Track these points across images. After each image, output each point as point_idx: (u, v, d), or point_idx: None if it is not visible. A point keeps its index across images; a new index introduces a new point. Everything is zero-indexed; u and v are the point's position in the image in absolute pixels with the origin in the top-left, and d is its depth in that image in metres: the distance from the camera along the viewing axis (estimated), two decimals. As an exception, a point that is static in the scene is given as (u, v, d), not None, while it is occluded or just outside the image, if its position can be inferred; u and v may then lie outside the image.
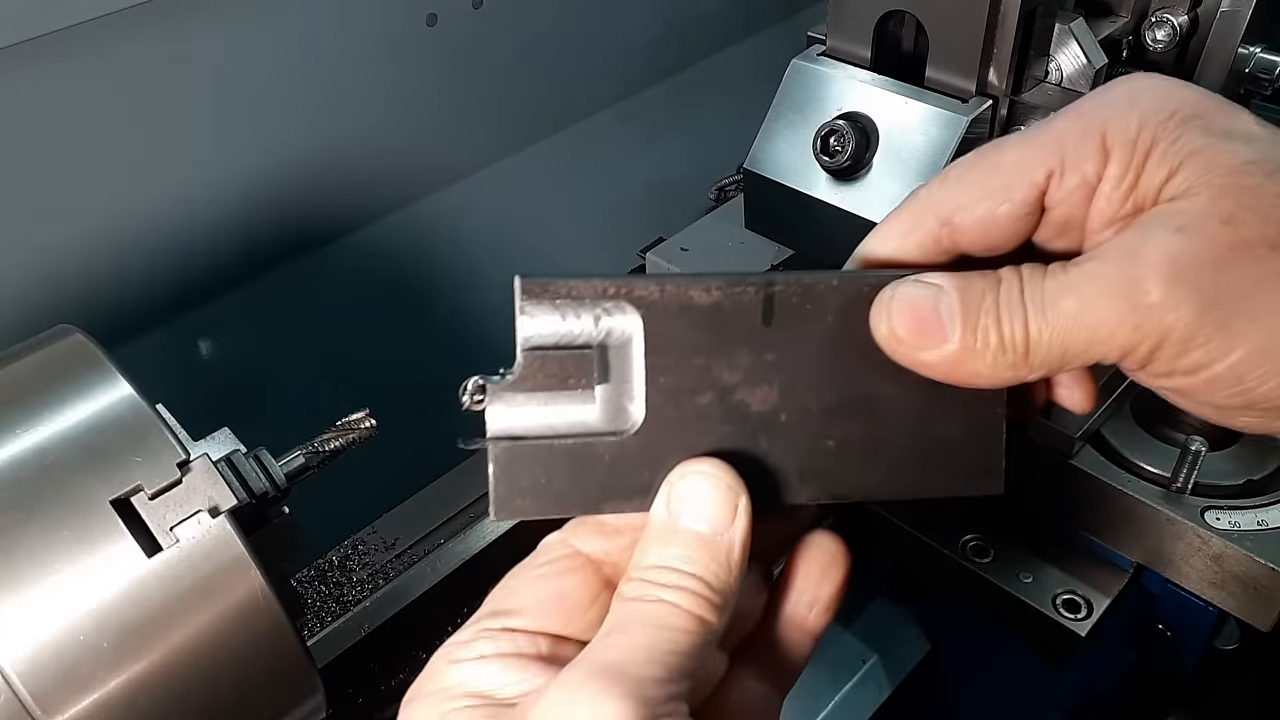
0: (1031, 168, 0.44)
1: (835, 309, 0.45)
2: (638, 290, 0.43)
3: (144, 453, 0.52)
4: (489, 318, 1.34)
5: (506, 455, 0.44)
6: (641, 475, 0.44)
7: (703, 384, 0.44)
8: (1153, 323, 0.40)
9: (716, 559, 0.41)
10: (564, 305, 0.43)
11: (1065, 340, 0.41)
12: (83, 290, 0.99)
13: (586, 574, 0.45)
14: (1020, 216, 0.45)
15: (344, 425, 0.64)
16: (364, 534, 1.09)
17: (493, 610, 0.45)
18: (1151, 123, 0.42)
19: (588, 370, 0.44)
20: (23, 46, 0.84)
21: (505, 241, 1.34)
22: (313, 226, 1.15)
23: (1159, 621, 1.05)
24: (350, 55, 1.09)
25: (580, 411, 0.44)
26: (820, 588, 0.47)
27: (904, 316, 0.43)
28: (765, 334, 0.44)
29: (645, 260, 1.18)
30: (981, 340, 0.42)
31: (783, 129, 0.81)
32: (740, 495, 0.42)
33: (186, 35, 0.95)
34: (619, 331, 0.44)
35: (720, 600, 0.41)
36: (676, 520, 0.42)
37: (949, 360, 0.43)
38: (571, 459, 0.43)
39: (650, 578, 0.41)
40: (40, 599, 0.49)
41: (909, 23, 0.78)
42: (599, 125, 1.40)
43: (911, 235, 0.47)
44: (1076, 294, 0.41)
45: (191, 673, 0.52)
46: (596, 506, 0.44)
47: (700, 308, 0.44)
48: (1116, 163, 0.43)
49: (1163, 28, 0.82)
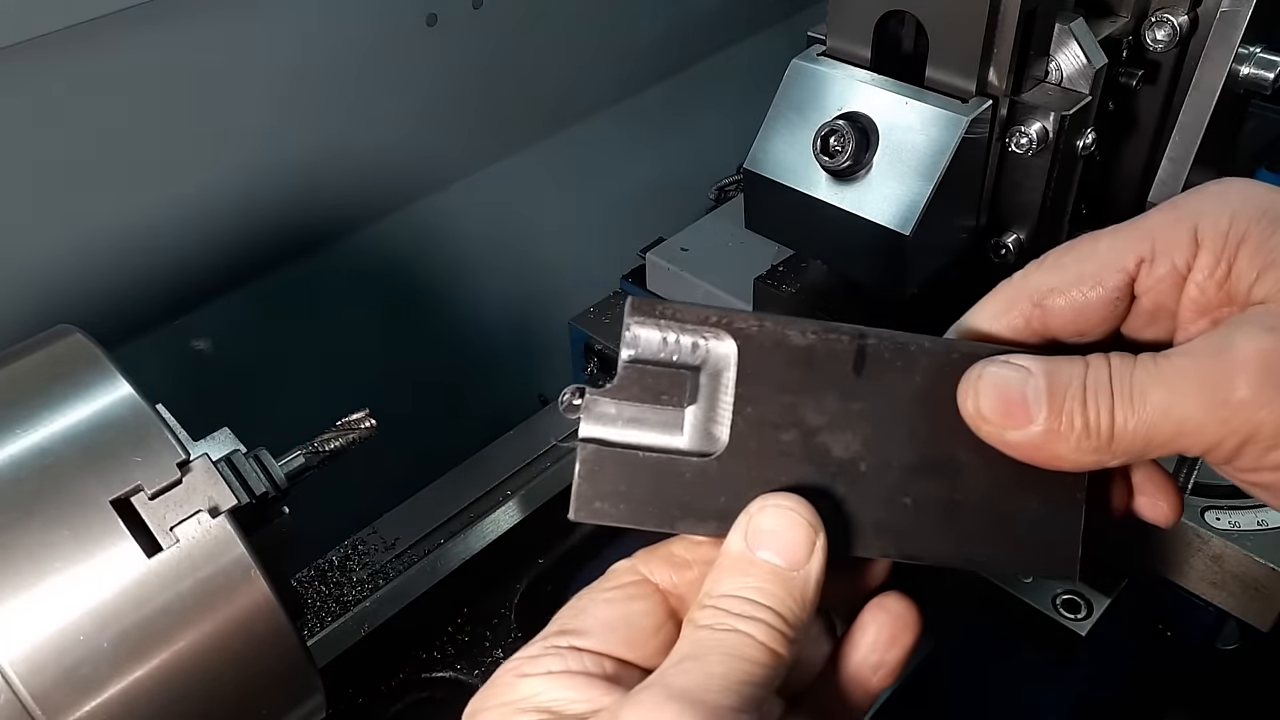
0: (1123, 255, 0.45)
1: (925, 370, 0.46)
2: (737, 323, 0.46)
3: (144, 453, 0.52)
4: (489, 318, 1.34)
5: (594, 458, 0.45)
6: (718, 500, 0.45)
7: (788, 421, 0.45)
8: (1241, 419, 0.40)
9: (791, 594, 0.42)
10: (667, 326, 0.46)
11: (1150, 431, 0.42)
12: (83, 290, 0.99)
13: (653, 602, 0.46)
14: (1111, 302, 0.45)
15: (344, 425, 0.64)
16: (364, 534, 1.09)
17: (561, 629, 0.45)
18: (1243, 218, 0.43)
19: (681, 390, 0.45)
20: (23, 46, 0.84)
21: (505, 241, 1.34)
22: (313, 226, 1.15)
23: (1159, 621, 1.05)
24: (350, 55, 1.09)
25: (669, 429, 0.45)
26: (888, 651, 0.47)
27: (990, 396, 0.44)
28: (854, 383, 0.46)
29: (645, 260, 1.18)
30: (1066, 424, 0.43)
31: (783, 129, 0.81)
32: (818, 533, 0.43)
33: (186, 35, 0.95)
34: (715, 358, 0.46)
35: (792, 635, 0.41)
36: (754, 551, 0.43)
37: (1033, 441, 0.43)
38: (653, 472, 0.45)
39: (725, 606, 0.41)
40: (40, 599, 0.49)
41: (909, 23, 0.78)
42: (599, 125, 1.40)
43: (1004, 317, 0.48)
44: (1165, 386, 0.42)
45: (192, 673, 0.52)
46: (670, 523, 0.45)
47: (794, 348, 0.46)
48: (1208, 253, 0.43)
49: (1163, 28, 0.82)
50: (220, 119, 1.02)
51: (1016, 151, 0.78)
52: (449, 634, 0.95)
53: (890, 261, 0.78)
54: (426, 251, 1.27)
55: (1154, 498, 0.50)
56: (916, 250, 0.76)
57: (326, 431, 0.63)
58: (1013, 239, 0.83)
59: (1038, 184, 0.79)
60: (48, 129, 0.91)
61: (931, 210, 0.75)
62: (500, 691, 0.43)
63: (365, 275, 1.22)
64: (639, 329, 0.45)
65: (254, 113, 1.04)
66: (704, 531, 0.45)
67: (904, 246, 0.75)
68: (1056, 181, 0.79)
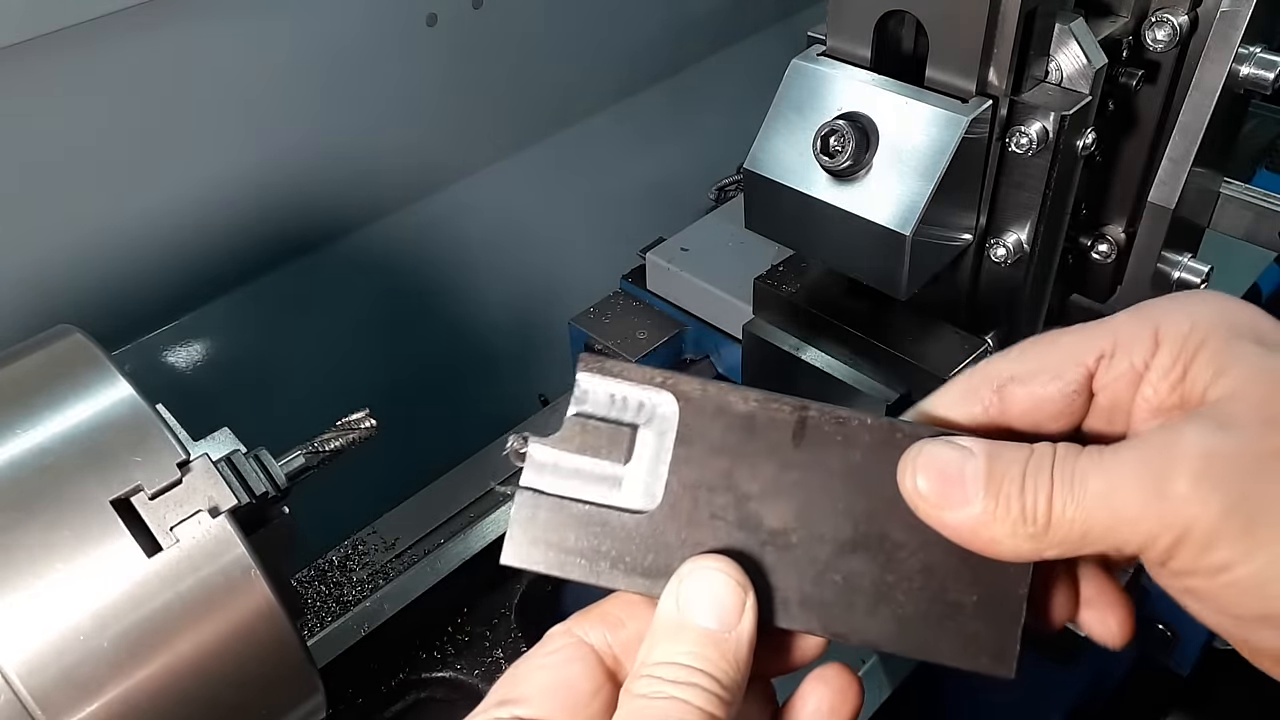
0: (1084, 350, 0.45)
1: (866, 446, 0.46)
2: (682, 385, 0.47)
3: (144, 453, 0.52)
4: (489, 318, 1.34)
5: (530, 504, 0.46)
6: (647, 558, 0.45)
7: (722, 485, 0.46)
8: (1177, 514, 0.39)
9: (725, 656, 0.42)
10: (615, 383, 0.47)
11: (1088, 520, 0.41)
12: (83, 290, 0.99)
13: (590, 664, 0.46)
14: (1068, 396, 0.45)
15: (344, 425, 0.64)
16: (364, 534, 1.09)
17: (500, 699, 0.45)
18: (1204, 325, 0.43)
19: (621, 446, 0.46)
20: (23, 46, 0.84)
21: (505, 241, 1.34)
22: (313, 226, 1.15)
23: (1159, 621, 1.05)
24: (350, 55, 1.09)
25: (605, 482, 0.46)
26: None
27: (929, 473, 0.44)
28: (792, 453, 0.46)
29: (645, 260, 1.18)
30: (1003, 507, 0.42)
31: (783, 129, 0.81)
32: (748, 593, 0.43)
33: (186, 35, 0.95)
34: (657, 418, 0.47)
35: (729, 697, 0.41)
36: (685, 616, 0.43)
37: (969, 523, 0.43)
38: (585, 524, 0.46)
39: (660, 674, 0.42)
40: (40, 599, 0.49)
41: (909, 23, 0.78)
42: (599, 125, 1.40)
43: (963, 404, 0.47)
44: (1106, 475, 0.41)
45: (192, 673, 0.52)
46: (596, 575, 0.46)
47: (735, 413, 0.46)
48: (1166, 353, 0.43)
49: (1163, 27, 0.82)
50: (221, 119, 1.02)
51: (1016, 151, 0.78)
52: (449, 634, 0.95)
53: (890, 261, 0.78)
54: (426, 251, 1.27)
55: (1103, 612, 0.49)
56: (916, 250, 0.76)
57: (326, 431, 0.63)
58: (1013, 239, 0.83)
59: (1038, 184, 0.79)
60: (48, 129, 0.91)
61: (931, 210, 0.75)
62: None
63: (365, 275, 1.22)
64: (589, 383, 0.47)
65: (254, 113, 1.04)
66: (631, 587, 0.45)
67: (904, 246, 0.75)
68: (1056, 181, 0.79)
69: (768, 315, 0.97)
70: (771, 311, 0.97)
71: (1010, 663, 0.45)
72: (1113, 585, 0.49)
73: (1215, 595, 0.41)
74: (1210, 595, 0.41)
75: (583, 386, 0.47)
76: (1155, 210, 0.86)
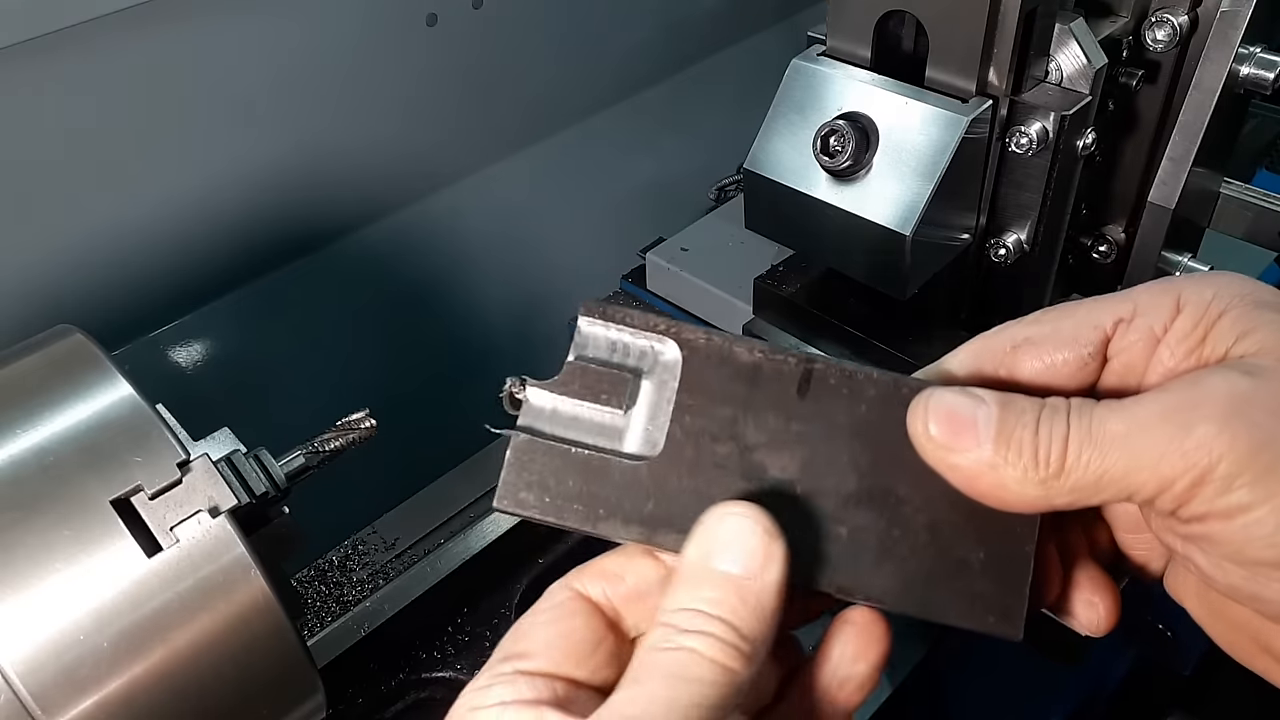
0: (1102, 315, 0.45)
1: (871, 400, 0.45)
2: (685, 333, 0.45)
3: (144, 453, 0.52)
4: (489, 318, 1.34)
5: (525, 447, 0.45)
6: (645, 506, 0.44)
7: (726, 434, 0.45)
8: (1201, 452, 0.39)
9: (746, 603, 0.40)
10: (618, 329, 0.45)
11: (1104, 462, 0.40)
12: (83, 290, 0.99)
13: (589, 616, 0.45)
14: (1082, 359, 0.45)
15: (344, 425, 0.64)
16: (364, 534, 1.09)
17: (504, 655, 0.44)
18: (1226, 294, 0.43)
19: (622, 392, 0.45)
20: (22, 46, 0.84)
21: (505, 241, 1.34)
22: (313, 227, 1.15)
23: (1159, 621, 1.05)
24: (350, 55, 1.09)
25: (604, 428, 0.45)
26: (855, 665, 0.45)
27: (939, 415, 0.43)
28: (797, 405, 0.45)
29: (645, 260, 1.18)
30: (1014, 451, 0.41)
31: (783, 129, 0.81)
32: (776, 541, 0.41)
33: (186, 35, 0.95)
34: (660, 365, 0.45)
35: (749, 649, 0.39)
36: (708, 561, 0.41)
37: (977, 467, 0.42)
38: (583, 469, 0.44)
39: (675, 622, 0.40)
40: (40, 599, 0.49)
41: (909, 23, 0.78)
42: (599, 125, 1.40)
43: (975, 362, 0.47)
44: (1127, 419, 0.41)
45: (191, 673, 0.52)
46: (593, 523, 0.44)
47: (740, 363, 0.45)
48: (1187, 318, 0.43)
49: (1163, 27, 0.82)
50: (220, 119, 1.02)
51: (1016, 151, 0.78)
52: (449, 634, 0.94)
53: (890, 261, 0.78)
54: (426, 251, 1.27)
55: (1091, 596, 0.48)
56: (916, 250, 0.76)
57: (326, 431, 0.63)
58: (1013, 239, 0.83)
59: (1038, 184, 0.79)
60: (48, 129, 0.91)
61: (931, 210, 0.75)
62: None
63: (365, 275, 1.22)
64: (589, 329, 0.45)
65: (254, 113, 1.04)
66: (629, 536, 0.44)
67: (904, 246, 0.75)
68: (1056, 181, 0.79)
69: (768, 315, 0.97)
70: (771, 311, 0.97)
71: (1018, 623, 0.44)
72: (1100, 571, 0.49)
73: (1230, 539, 0.40)
74: (1225, 539, 0.40)
75: (584, 332, 0.45)
76: (1155, 210, 0.86)
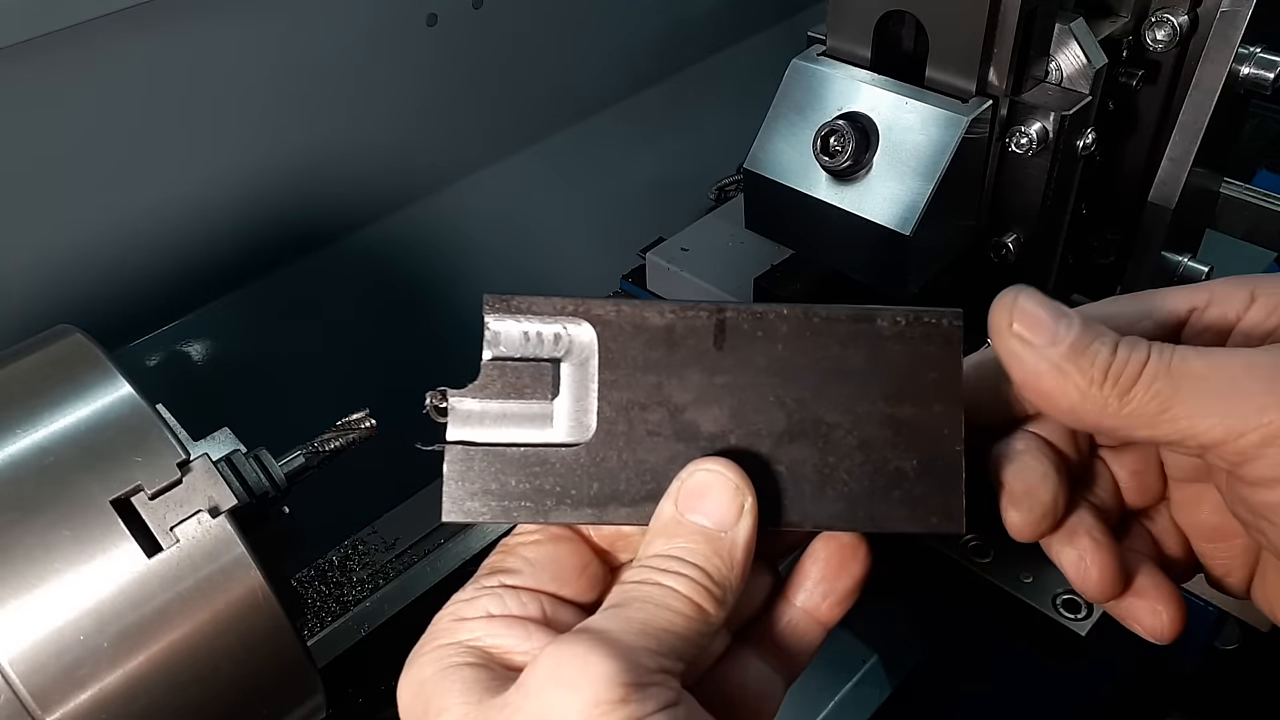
0: (1178, 301, 0.46)
1: (786, 337, 0.46)
2: (595, 309, 0.46)
3: (144, 453, 0.52)
4: (489, 318, 1.34)
5: (462, 457, 0.45)
6: (592, 487, 0.45)
7: (654, 401, 0.45)
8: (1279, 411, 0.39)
9: (719, 553, 0.42)
10: (526, 320, 0.46)
11: (1175, 394, 0.40)
12: (83, 290, 0.99)
13: (576, 544, 0.47)
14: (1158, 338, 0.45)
15: (344, 425, 0.64)
16: (364, 534, 1.09)
17: (491, 569, 0.46)
18: None
19: (545, 383, 0.46)
20: (23, 46, 0.84)
21: (505, 242, 1.34)
22: (313, 226, 1.15)
23: (1159, 621, 1.05)
24: (350, 55, 1.09)
25: (535, 422, 0.46)
26: (837, 579, 0.47)
27: (1027, 308, 0.42)
28: (717, 357, 0.46)
29: (645, 260, 1.18)
30: (1087, 359, 0.41)
31: (783, 129, 0.81)
32: (746, 495, 0.43)
33: (186, 35, 0.95)
34: (576, 347, 0.46)
35: (720, 594, 0.42)
36: (683, 515, 0.43)
37: (1045, 366, 0.42)
38: (522, 466, 0.45)
39: (652, 564, 0.42)
40: (40, 599, 0.49)
41: (909, 23, 0.78)
42: (599, 125, 1.40)
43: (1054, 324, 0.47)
44: (1212, 362, 0.41)
45: (191, 673, 0.52)
46: (544, 515, 0.45)
47: (654, 328, 0.46)
48: (1261, 307, 0.44)
49: (1163, 27, 0.82)
50: (220, 119, 1.02)
51: (1016, 151, 0.78)
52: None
53: (890, 261, 0.78)
54: (426, 251, 1.27)
55: (1155, 603, 0.49)
56: (916, 250, 0.76)
57: (326, 431, 0.63)
58: (1013, 239, 0.83)
59: (1038, 184, 0.79)
60: (48, 129, 0.91)
61: (931, 210, 0.75)
62: (440, 635, 0.44)
63: (365, 275, 1.22)
64: (499, 325, 0.45)
65: (254, 113, 1.04)
66: (581, 519, 0.45)
67: (904, 246, 0.75)
68: (1056, 181, 0.79)
69: (768, 315, 0.97)
70: (771, 311, 0.97)
71: (959, 518, 0.46)
72: (1165, 579, 0.50)
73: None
74: None
75: (493, 329, 0.45)
76: (1155, 210, 0.86)
